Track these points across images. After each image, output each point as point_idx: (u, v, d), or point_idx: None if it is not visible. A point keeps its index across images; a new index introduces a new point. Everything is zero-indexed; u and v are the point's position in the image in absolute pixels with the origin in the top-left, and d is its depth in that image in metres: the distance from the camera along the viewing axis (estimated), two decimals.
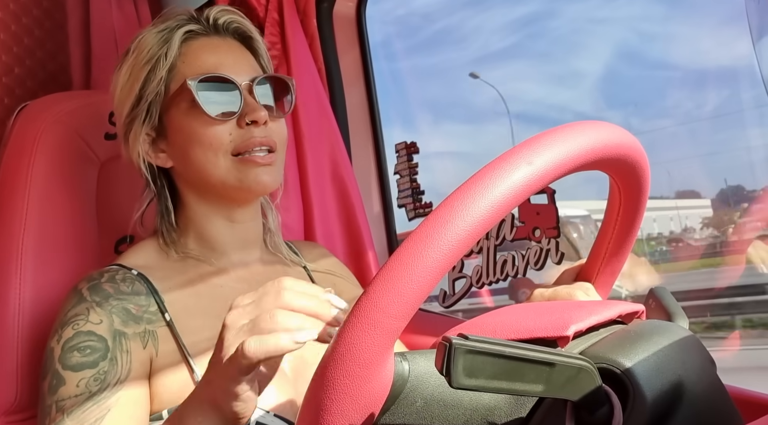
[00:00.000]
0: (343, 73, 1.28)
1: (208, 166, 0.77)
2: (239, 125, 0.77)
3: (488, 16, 11.89)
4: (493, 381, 0.41)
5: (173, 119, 0.79)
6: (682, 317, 0.57)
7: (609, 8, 10.90)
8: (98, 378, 0.68)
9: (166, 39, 0.78)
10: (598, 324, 0.51)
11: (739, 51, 2.19)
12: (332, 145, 1.18)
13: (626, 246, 0.63)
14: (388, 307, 0.41)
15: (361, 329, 0.41)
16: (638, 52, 8.37)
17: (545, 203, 1.06)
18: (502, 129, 9.69)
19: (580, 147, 0.47)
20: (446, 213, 0.42)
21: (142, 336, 0.72)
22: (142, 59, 0.78)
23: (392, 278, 0.41)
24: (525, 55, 10.36)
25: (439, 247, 0.41)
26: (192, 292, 0.78)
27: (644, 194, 0.58)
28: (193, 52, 0.79)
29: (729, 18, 2.04)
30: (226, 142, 0.76)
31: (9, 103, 1.12)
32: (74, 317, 0.71)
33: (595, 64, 10.79)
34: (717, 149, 6.35)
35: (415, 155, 1.29)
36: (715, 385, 0.49)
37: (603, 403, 0.44)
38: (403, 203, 1.29)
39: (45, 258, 0.88)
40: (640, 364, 0.45)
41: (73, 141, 0.93)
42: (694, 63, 10.75)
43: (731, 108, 7.13)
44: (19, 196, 0.88)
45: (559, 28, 7.82)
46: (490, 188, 0.43)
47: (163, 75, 0.77)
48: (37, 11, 1.16)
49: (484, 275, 1.10)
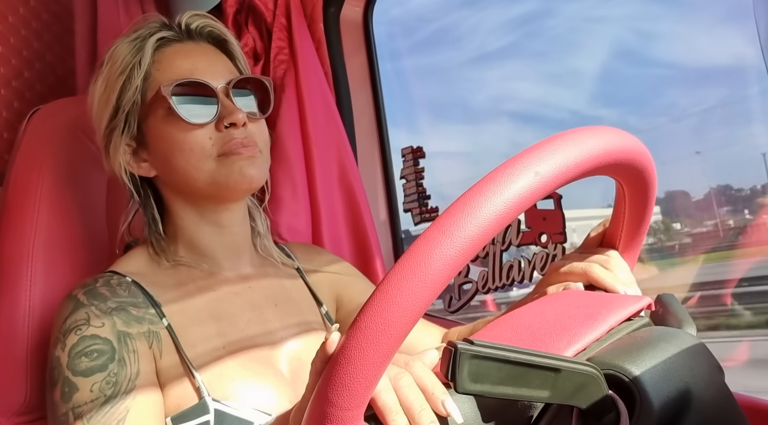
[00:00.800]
0: (349, 78, 1.28)
1: (191, 171, 0.76)
2: (218, 128, 0.76)
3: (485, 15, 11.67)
4: (499, 387, 0.41)
5: (152, 128, 0.78)
6: (690, 324, 0.57)
7: (606, 7, 10.85)
8: (110, 381, 0.67)
9: (139, 47, 0.77)
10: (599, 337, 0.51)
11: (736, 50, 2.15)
12: (339, 149, 1.18)
13: (647, 209, 0.59)
14: (339, 401, 0.39)
15: (317, 420, 0.40)
16: (634, 50, 8.34)
17: (552, 208, 1.06)
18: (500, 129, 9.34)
19: (586, 153, 0.47)
20: (383, 300, 0.39)
21: (146, 336, 0.72)
22: (116, 70, 0.77)
23: (339, 372, 0.39)
24: (522, 54, 10.24)
25: (379, 340, 0.39)
26: (186, 299, 0.77)
27: (652, 190, 0.57)
28: (167, 59, 0.78)
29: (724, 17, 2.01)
30: (208, 146, 0.76)
31: (19, 107, 1.13)
32: (75, 323, 0.70)
33: (592, 63, 10.69)
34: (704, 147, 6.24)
35: (421, 160, 1.29)
36: (723, 393, 0.48)
37: (609, 410, 0.44)
38: (409, 207, 1.29)
39: (55, 261, 0.88)
40: (647, 371, 0.45)
41: (84, 146, 0.94)
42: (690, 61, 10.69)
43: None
44: (30, 199, 0.88)
45: (556, 27, 7.79)
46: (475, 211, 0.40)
47: (138, 84, 0.76)
48: (46, 16, 1.18)
49: (490, 281, 1.10)
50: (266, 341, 0.78)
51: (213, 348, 0.74)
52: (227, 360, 0.73)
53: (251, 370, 0.74)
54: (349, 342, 0.39)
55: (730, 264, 3.12)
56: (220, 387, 0.71)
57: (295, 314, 0.84)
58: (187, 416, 0.69)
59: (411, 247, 0.40)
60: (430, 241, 0.39)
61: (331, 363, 0.40)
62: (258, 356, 0.76)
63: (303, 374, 0.77)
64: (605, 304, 0.55)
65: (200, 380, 0.71)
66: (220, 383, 0.71)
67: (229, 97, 0.77)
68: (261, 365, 0.75)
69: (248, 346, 0.76)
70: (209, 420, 0.69)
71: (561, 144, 0.46)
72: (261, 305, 0.82)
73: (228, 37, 0.84)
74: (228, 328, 0.77)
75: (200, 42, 0.81)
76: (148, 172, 0.80)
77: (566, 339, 0.49)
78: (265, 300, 0.83)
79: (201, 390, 0.70)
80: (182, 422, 0.69)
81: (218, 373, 0.72)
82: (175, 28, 0.80)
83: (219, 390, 0.71)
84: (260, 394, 0.72)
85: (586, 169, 0.47)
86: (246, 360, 0.75)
